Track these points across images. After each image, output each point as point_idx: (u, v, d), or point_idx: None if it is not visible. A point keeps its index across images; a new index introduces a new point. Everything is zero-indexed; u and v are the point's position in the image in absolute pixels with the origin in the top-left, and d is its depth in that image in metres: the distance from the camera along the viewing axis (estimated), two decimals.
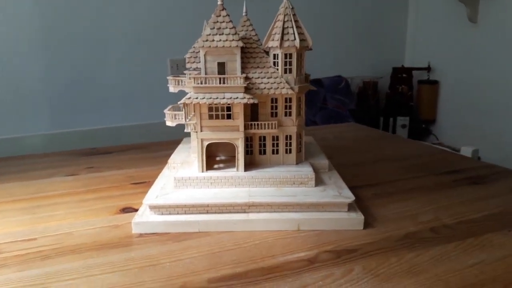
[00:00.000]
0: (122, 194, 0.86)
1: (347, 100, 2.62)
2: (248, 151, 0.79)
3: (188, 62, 0.82)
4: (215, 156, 0.84)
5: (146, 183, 0.91)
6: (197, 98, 0.71)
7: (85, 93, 2.20)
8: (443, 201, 0.80)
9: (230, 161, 0.80)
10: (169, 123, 0.82)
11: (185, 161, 0.82)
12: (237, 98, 0.71)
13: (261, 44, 0.83)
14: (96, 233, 0.68)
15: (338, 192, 0.72)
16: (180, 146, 0.95)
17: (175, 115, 0.80)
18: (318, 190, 0.73)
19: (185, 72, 0.83)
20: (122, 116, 2.26)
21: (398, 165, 1.03)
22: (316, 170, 0.81)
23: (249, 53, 0.77)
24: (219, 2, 0.74)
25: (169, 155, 0.89)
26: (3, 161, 1.10)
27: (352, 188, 0.77)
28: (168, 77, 0.85)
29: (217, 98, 0.71)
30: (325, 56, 2.87)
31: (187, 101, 0.71)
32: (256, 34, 0.92)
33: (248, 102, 0.71)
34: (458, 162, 1.05)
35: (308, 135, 1.16)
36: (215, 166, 0.79)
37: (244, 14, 0.92)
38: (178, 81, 0.84)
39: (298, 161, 0.80)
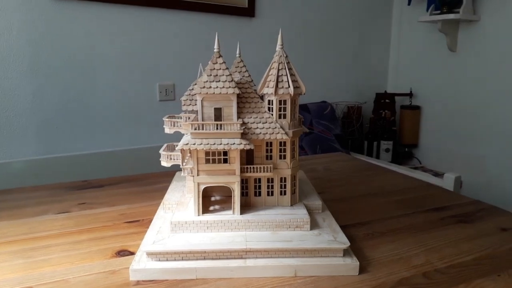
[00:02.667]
0: (116, 234, 0.86)
1: (332, 126, 2.66)
2: (244, 192, 0.81)
3: (184, 105, 0.83)
4: (210, 196, 0.85)
5: (140, 222, 0.91)
6: (194, 144, 0.72)
7: (75, 118, 2.18)
8: (433, 242, 0.82)
9: (225, 202, 0.81)
10: (164, 163, 0.83)
11: (180, 201, 0.83)
12: (233, 144, 0.73)
13: (255, 87, 0.86)
14: (93, 280, 0.68)
15: (333, 236, 0.74)
16: (174, 184, 0.95)
17: (170, 155, 0.81)
18: (314, 234, 0.75)
19: (180, 115, 0.84)
20: (111, 141, 2.24)
21: (387, 201, 1.05)
22: (310, 211, 0.83)
23: (245, 98, 0.79)
24: (215, 50, 0.77)
25: (160, 190, 0.89)
26: None
27: (344, 227, 0.80)
28: (164, 118, 0.86)
29: (214, 144, 0.72)
30: (312, 82, 2.93)
31: (185, 147, 0.72)
32: (249, 75, 0.95)
33: (245, 148, 0.73)
34: (444, 198, 1.08)
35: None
36: (211, 207, 0.80)
37: (237, 55, 0.95)
38: (174, 123, 0.85)
39: (293, 203, 0.82)
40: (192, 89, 0.84)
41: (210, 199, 0.84)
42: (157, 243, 0.71)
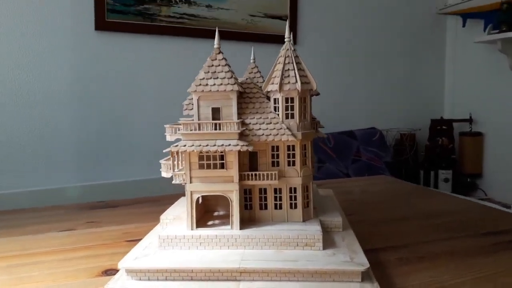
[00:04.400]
0: (112, 252, 0.77)
1: (382, 153, 2.48)
2: (248, 205, 0.70)
3: (186, 109, 0.76)
4: (213, 211, 0.75)
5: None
6: (185, 145, 0.63)
7: (113, 147, 2.21)
8: (484, 271, 0.65)
9: (228, 217, 0.71)
10: (164, 174, 0.75)
11: (178, 216, 0.74)
12: (229, 145, 0.63)
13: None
14: None
15: (350, 257, 0.60)
16: (182, 200, 0.86)
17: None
18: (326, 254, 0.61)
19: (181, 119, 0.77)
20: (146, 170, 2.23)
21: (430, 223, 0.89)
22: (327, 229, 0.70)
23: (249, 97, 0.70)
24: (215, 46, 0.69)
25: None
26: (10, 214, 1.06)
27: (371, 251, 0.66)
28: (165, 125, 0.79)
29: (207, 145, 0.63)
30: (359, 108, 2.79)
31: (174, 149, 0.63)
32: (263, 82, 0.86)
33: (242, 149, 0.63)
34: (503, 220, 0.89)
35: (335, 186, 1.06)
36: (210, 222, 0.70)
37: (251, 60, 0.87)
38: (175, 129, 0.77)
39: (306, 218, 0.70)
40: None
41: (213, 214, 0.74)
42: (140, 259, 0.61)
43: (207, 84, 0.66)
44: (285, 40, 0.70)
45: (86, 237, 0.86)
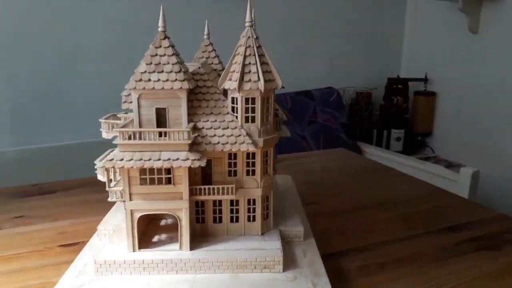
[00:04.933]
0: (42, 264, 0.67)
1: (338, 114, 2.44)
2: (199, 218, 0.62)
3: (125, 102, 0.64)
4: (159, 219, 0.66)
5: (78, 246, 0.73)
6: (122, 159, 0.53)
7: (52, 107, 2.00)
8: (447, 283, 0.62)
9: (177, 229, 0.62)
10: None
11: (119, 227, 0.64)
12: (177, 159, 0.53)
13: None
14: None
15: (313, 283, 0.54)
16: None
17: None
18: (287, 278, 0.55)
19: (119, 115, 0.65)
20: (90, 132, 2.06)
21: (390, 217, 0.85)
22: (288, 240, 0.64)
23: (202, 93, 0.60)
24: (160, 28, 0.56)
25: None
26: None
27: (334, 256, 0.65)
28: (100, 120, 0.67)
29: (149, 159, 0.53)
30: (316, 66, 2.71)
31: (108, 164, 0.52)
32: (220, 62, 0.75)
33: (193, 165, 0.53)
34: (459, 211, 0.87)
35: (294, 162, 1.00)
36: (155, 238, 0.61)
37: (205, 35, 0.75)
38: (113, 125, 0.66)
39: (265, 230, 0.63)
40: None
41: (159, 224, 0.65)
42: None
43: (149, 80, 0.55)
44: (246, 24, 0.58)
45: (13, 241, 0.75)
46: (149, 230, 0.61)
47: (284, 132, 0.67)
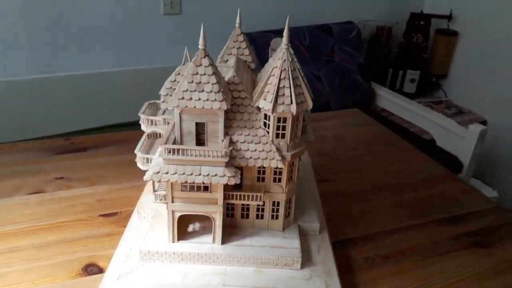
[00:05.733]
0: (88, 235, 0.77)
1: (356, 53, 2.40)
2: (229, 213, 0.69)
3: (164, 101, 0.68)
4: None
5: (116, 216, 0.83)
6: (167, 173, 0.59)
7: (66, 34, 1.98)
8: (444, 278, 0.72)
9: (209, 218, 0.71)
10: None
11: (158, 212, 0.72)
12: (215, 175, 0.59)
13: (258, 72, 0.70)
14: None
15: (326, 283, 0.64)
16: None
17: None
18: (304, 276, 0.65)
19: (158, 115, 0.70)
20: (107, 60, 2.06)
21: (397, 201, 0.93)
22: (305, 233, 0.73)
23: (236, 105, 0.63)
24: (200, 46, 0.58)
25: None
26: None
27: (342, 244, 0.75)
28: (140, 114, 0.72)
29: (191, 174, 0.59)
30: None
31: (155, 178, 0.59)
32: (250, 53, 0.77)
33: (229, 183, 0.59)
34: (460, 200, 0.95)
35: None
36: (190, 227, 0.70)
37: (237, 24, 0.76)
38: (152, 121, 0.71)
39: (286, 226, 0.71)
40: (174, 80, 0.67)
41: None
42: (123, 278, 0.62)
43: (191, 99, 0.58)
44: (283, 47, 0.60)
45: (59, 206, 0.85)
46: (183, 219, 0.69)
47: (309, 136, 0.72)
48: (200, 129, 0.61)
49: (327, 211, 0.82)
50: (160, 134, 0.74)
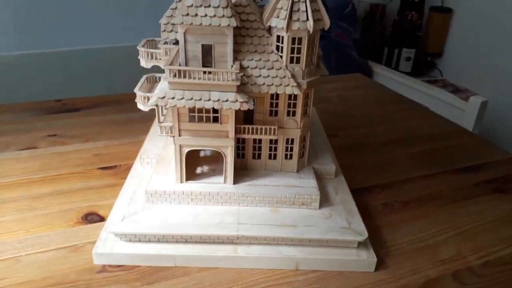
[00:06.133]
0: (86, 186, 0.72)
1: (351, 29, 2.36)
2: (240, 153, 0.64)
3: (164, 31, 0.62)
4: (198, 150, 0.69)
5: (116, 169, 0.77)
6: (173, 98, 0.53)
7: (54, 8, 1.91)
8: (465, 223, 0.68)
9: (217, 160, 0.66)
10: (141, 106, 0.65)
11: (162, 156, 0.67)
12: (227, 100, 0.54)
13: (263, 8, 0.64)
14: (49, 261, 0.56)
15: (347, 221, 0.59)
16: (156, 127, 0.78)
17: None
18: (323, 215, 0.60)
19: (159, 45, 0.64)
20: (97, 36, 1.99)
21: (412, 152, 0.89)
22: (320, 177, 0.68)
23: (245, 28, 0.58)
24: None
25: (146, 120, 0.75)
26: None
27: (359, 192, 0.70)
28: (138, 47, 0.66)
29: (200, 99, 0.54)
30: None
31: (161, 102, 0.53)
32: None
33: (242, 108, 0.54)
34: (477, 151, 0.91)
35: None
36: (198, 169, 0.65)
37: None
38: (152, 55, 0.65)
39: (300, 168, 0.66)
40: (175, 8, 0.62)
41: (199, 155, 0.68)
42: (128, 219, 0.57)
43: (196, 15, 0.53)
44: None
45: (52, 161, 0.79)
46: (190, 161, 0.64)
47: (322, 70, 0.67)
48: (206, 52, 0.56)
49: (339, 163, 0.77)
50: (159, 78, 0.69)
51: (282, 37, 0.57)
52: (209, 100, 0.54)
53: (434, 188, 0.77)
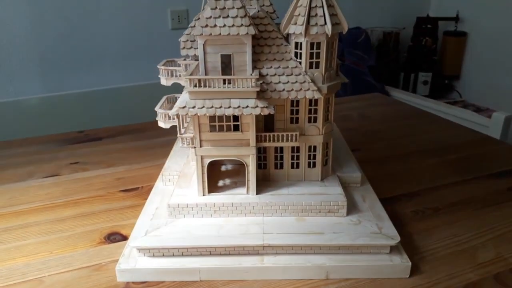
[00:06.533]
0: (108, 208, 0.71)
1: (366, 56, 2.38)
2: (261, 164, 0.63)
3: (184, 48, 0.64)
4: (219, 164, 0.68)
5: (138, 191, 0.76)
6: (194, 107, 0.53)
7: (77, 50, 1.99)
8: (502, 225, 0.64)
9: (239, 173, 0.64)
10: (161, 124, 0.65)
11: (183, 173, 0.66)
12: (247, 107, 0.53)
13: (278, 22, 0.65)
14: (72, 280, 0.54)
15: (378, 227, 0.56)
16: (177, 147, 0.78)
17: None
18: (351, 222, 0.57)
19: (179, 61, 0.65)
20: (118, 76, 2.06)
21: (439, 161, 0.86)
22: (346, 186, 0.66)
23: (263, 39, 0.59)
24: None
25: (166, 145, 0.74)
26: None
27: (387, 201, 0.66)
28: (159, 66, 0.67)
29: (220, 107, 0.53)
30: (343, 4, 2.58)
31: (182, 112, 0.53)
32: (271, 4, 0.73)
33: (262, 113, 0.53)
34: (507, 156, 0.88)
35: None
36: (220, 182, 0.63)
37: None
38: (171, 72, 0.66)
39: (324, 176, 0.64)
40: (194, 26, 0.63)
41: (220, 168, 0.67)
42: (151, 234, 0.55)
43: (215, 25, 0.54)
44: None
45: (75, 186, 0.79)
46: (212, 175, 0.63)
47: (342, 78, 0.66)
48: (226, 62, 0.56)
49: (364, 174, 0.75)
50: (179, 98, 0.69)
51: (301, 43, 0.57)
52: (229, 107, 0.54)
53: (466, 194, 0.73)
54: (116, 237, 0.63)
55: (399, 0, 2.81)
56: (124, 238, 0.62)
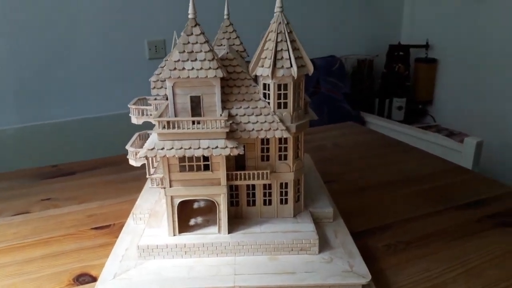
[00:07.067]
0: (78, 247, 0.70)
1: (341, 84, 2.43)
2: (234, 201, 0.63)
3: (154, 88, 0.64)
4: (192, 202, 0.68)
5: (110, 228, 0.75)
6: (163, 148, 0.54)
7: (55, 81, 1.98)
8: (472, 259, 0.65)
9: (211, 210, 0.64)
10: (132, 162, 0.65)
11: (154, 211, 0.66)
12: (216, 147, 0.54)
13: (248, 60, 0.66)
14: None
15: (349, 264, 0.57)
16: (149, 185, 0.77)
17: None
18: (323, 260, 0.58)
19: (149, 101, 0.65)
20: (96, 106, 2.05)
21: (411, 192, 0.88)
22: (318, 221, 0.66)
23: (232, 79, 0.60)
24: (190, 16, 0.56)
25: (140, 178, 0.73)
26: None
27: (360, 235, 0.67)
28: (129, 105, 0.67)
29: (190, 147, 0.54)
30: (318, 34, 2.67)
31: (150, 154, 0.53)
32: (241, 43, 0.75)
33: (232, 154, 0.54)
34: (477, 186, 0.90)
35: (303, 139, 1.03)
36: (191, 221, 0.63)
37: (225, 16, 0.74)
38: (142, 111, 0.66)
39: (296, 212, 0.65)
40: (164, 66, 0.64)
41: (192, 206, 0.67)
42: (119, 277, 0.54)
43: (183, 69, 0.55)
44: (276, 11, 0.58)
45: (45, 224, 0.77)
46: (183, 213, 0.63)
47: (311, 115, 0.68)
48: (195, 104, 0.57)
49: (337, 207, 0.76)
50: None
51: (268, 84, 0.58)
52: (199, 148, 0.54)
53: (437, 226, 0.75)
54: (86, 278, 0.62)
55: (372, 28, 2.90)
56: (94, 279, 0.61)
